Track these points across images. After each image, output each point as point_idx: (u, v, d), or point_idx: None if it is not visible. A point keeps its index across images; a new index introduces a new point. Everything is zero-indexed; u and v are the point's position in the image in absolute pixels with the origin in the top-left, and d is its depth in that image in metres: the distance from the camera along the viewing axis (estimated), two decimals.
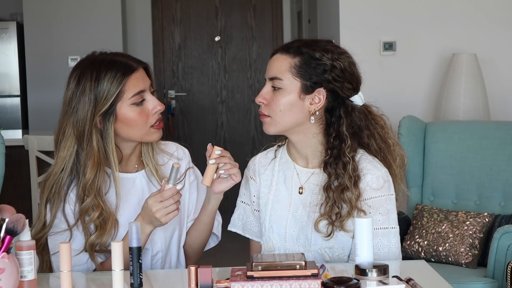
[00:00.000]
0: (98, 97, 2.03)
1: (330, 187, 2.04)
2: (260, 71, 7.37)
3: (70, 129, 2.05)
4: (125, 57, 2.11)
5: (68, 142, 2.05)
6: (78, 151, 2.05)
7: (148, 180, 2.16)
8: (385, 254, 2.03)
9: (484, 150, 3.53)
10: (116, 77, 2.03)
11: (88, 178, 2.03)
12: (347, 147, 2.03)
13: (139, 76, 2.07)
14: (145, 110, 2.06)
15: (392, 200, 2.07)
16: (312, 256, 2.06)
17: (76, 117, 2.04)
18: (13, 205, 1.75)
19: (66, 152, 2.05)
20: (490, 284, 2.98)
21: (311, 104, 2.04)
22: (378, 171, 2.05)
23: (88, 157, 2.03)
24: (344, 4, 4.64)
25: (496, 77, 4.63)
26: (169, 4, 7.30)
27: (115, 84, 2.02)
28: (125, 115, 2.05)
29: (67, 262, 1.72)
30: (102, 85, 2.03)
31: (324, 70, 2.03)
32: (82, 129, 2.03)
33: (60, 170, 2.06)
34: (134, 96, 2.04)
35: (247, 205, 2.23)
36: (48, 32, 6.79)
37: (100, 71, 2.04)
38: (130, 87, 2.04)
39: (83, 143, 2.04)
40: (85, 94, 2.04)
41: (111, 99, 2.02)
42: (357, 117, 2.07)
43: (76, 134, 2.04)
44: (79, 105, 2.04)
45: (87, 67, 2.07)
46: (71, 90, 2.08)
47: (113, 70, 2.04)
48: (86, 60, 2.11)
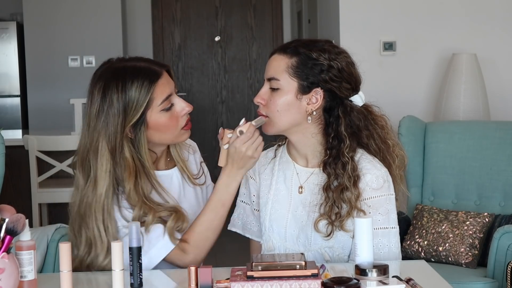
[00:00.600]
0: (127, 108, 1.98)
1: (330, 187, 2.04)
2: (260, 71, 7.37)
3: (104, 144, 1.99)
4: (146, 62, 2.07)
5: (104, 159, 1.99)
6: (114, 166, 2.00)
7: (182, 176, 2.18)
8: (385, 254, 2.03)
9: (484, 150, 3.53)
10: (143, 86, 1.99)
11: (128, 191, 1.98)
12: (346, 147, 2.03)
13: (165, 81, 2.03)
14: (175, 114, 2.05)
15: (392, 200, 2.07)
16: (312, 256, 2.06)
17: (108, 131, 1.98)
18: (13, 205, 1.75)
19: (105, 169, 1.99)
20: (490, 284, 2.98)
21: (308, 104, 2.04)
22: (378, 171, 2.05)
23: (124, 169, 1.99)
24: (344, 4, 4.64)
25: (496, 77, 4.63)
26: (169, 4, 7.31)
27: (144, 92, 1.98)
28: (156, 122, 2.02)
29: (67, 262, 1.72)
30: (130, 95, 1.98)
31: (321, 70, 2.03)
32: (114, 143, 1.98)
33: (104, 191, 1.98)
34: (163, 103, 2.01)
35: (247, 205, 2.24)
36: (48, 32, 6.79)
37: (125, 81, 1.99)
38: (158, 93, 2.01)
39: (116, 157, 1.99)
40: (113, 107, 1.98)
41: (141, 109, 1.98)
42: (356, 117, 2.07)
43: (110, 149, 1.98)
44: (109, 118, 1.98)
45: (111, 77, 2.01)
46: (97, 103, 2.00)
47: (139, 78, 1.99)
48: (107, 70, 2.04)
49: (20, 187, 4.71)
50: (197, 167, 2.27)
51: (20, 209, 1.76)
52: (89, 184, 2.00)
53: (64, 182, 4.76)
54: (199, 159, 2.30)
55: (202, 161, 2.30)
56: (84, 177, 2.02)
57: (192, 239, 2.03)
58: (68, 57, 6.84)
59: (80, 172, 2.03)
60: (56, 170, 4.64)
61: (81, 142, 2.05)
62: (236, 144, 2.00)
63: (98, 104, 2.00)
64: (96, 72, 2.07)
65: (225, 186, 2.05)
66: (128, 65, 2.04)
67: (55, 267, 2.44)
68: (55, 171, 4.64)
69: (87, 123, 2.03)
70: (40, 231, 2.51)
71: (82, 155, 2.03)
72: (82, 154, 2.03)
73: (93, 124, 2.01)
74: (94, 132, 2.00)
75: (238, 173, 2.04)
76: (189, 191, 2.20)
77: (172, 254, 2.02)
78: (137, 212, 1.99)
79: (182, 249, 2.02)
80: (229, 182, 2.04)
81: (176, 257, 2.02)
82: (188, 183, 2.19)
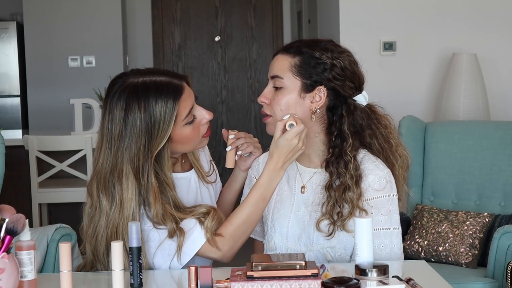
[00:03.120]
0: (152, 129, 1.93)
1: (332, 186, 2.04)
2: (260, 71, 7.37)
3: (128, 167, 1.93)
4: (166, 75, 2.00)
5: (129, 182, 1.93)
6: (139, 188, 1.95)
7: (198, 178, 2.18)
8: (387, 255, 2.03)
9: (484, 150, 3.53)
10: (168, 104, 1.93)
11: (154, 214, 1.94)
12: (348, 145, 2.04)
13: (187, 94, 1.98)
14: (197, 124, 2.03)
15: (394, 200, 2.07)
16: (314, 256, 2.06)
17: (131, 153, 1.93)
18: (13, 205, 1.75)
19: (131, 193, 1.93)
20: (490, 284, 2.98)
21: (312, 103, 2.04)
22: (381, 172, 2.05)
23: (149, 191, 1.94)
24: (344, 4, 4.64)
25: (496, 77, 4.63)
26: (169, 4, 7.31)
27: (169, 112, 1.93)
28: (180, 135, 1.99)
29: (67, 262, 1.72)
30: (155, 115, 1.92)
31: (324, 68, 2.03)
32: (138, 164, 1.93)
33: (132, 213, 1.93)
34: (186, 117, 1.98)
35: None
36: (48, 32, 6.80)
37: (149, 100, 1.93)
38: (182, 109, 1.96)
39: (141, 180, 1.94)
40: (136, 128, 1.92)
41: (168, 129, 1.94)
42: (359, 116, 2.07)
43: (134, 172, 1.93)
44: (132, 140, 1.93)
45: (132, 96, 1.93)
46: (119, 124, 1.93)
47: (163, 97, 1.93)
48: (127, 88, 1.96)
49: (20, 187, 4.71)
50: (208, 165, 2.27)
51: (20, 209, 1.76)
52: (115, 208, 1.95)
53: (64, 182, 4.76)
54: (209, 156, 2.30)
55: (211, 159, 2.30)
56: (108, 200, 1.96)
57: (229, 232, 2.00)
58: (68, 57, 6.84)
59: (103, 194, 1.96)
60: (56, 170, 4.64)
61: (101, 163, 1.98)
62: (288, 136, 1.98)
63: (121, 125, 1.93)
64: (113, 87, 1.99)
65: (269, 181, 2.02)
66: (148, 81, 1.96)
67: (55, 267, 2.44)
68: (55, 171, 4.64)
69: (108, 144, 1.96)
70: (40, 231, 2.52)
71: (105, 177, 1.97)
72: (105, 176, 1.97)
73: (115, 145, 1.95)
74: (118, 154, 1.94)
75: (283, 168, 2.02)
76: (204, 191, 2.20)
77: (205, 247, 1.98)
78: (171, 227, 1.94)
79: (216, 242, 1.99)
80: (274, 177, 2.02)
81: (210, 250, 1.99)
82: (202, 183, 2.19)
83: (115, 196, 1.95)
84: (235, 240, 2.01)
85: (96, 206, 1.99)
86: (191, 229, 1.98)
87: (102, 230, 1.97)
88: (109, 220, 1.95)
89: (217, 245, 1.99)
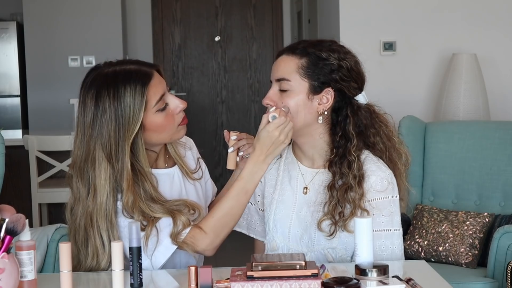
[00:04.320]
0: (123, 114, 1.95)
1: (334, 186, 2.04)
2: (260, 71, 7.37)
3: (101, 153, 1.97)
4: (136, 64, 2.04)
5: (102, 168, 1.97)
6: (113, 173, 1.97)
7: (182, 174, 2.18)
8: (388, 256, 2.03)
9: (484, 150, 3.53)
10: (137, 89, 1.96)
11: (126, 200, 1.96)
12: (352, 146, 2.04)
13: (157, 81, 2.01)
14: (170, 112, 2.04)
15: (396, 202, 2.07)
16: (315, 256, 2.06)
17: (103, 139, 1.96)
18: (13, 205, 1.75)
19: (104, 178, 1.97)
20: (490, 284, 2.98)
21: (319, 104, 2.04)
22: (383, 173, 2.05)
23: (123, 176, 1.96)
24: (344, 4, 4.64)
25: (496, 77, 4.63)
26: (169, 4, 7.31)
27: (138, 96, 1.96)
28: (152, 123, 2.00)
29: (67, 262, 1.72)
30: (125, 100, 1.95)
31: (331, 70, 2.03)
32: (110, 151, 1.96)
33: (105, 199, 1.97)
34: (157, 103, 2.00)
35: (251, 205, 2.24)
36: (48, 32, 6.79)
37: (118, 87, 1.96)
38: (152, 95, 1.99)
39: (114, 165, 1.97)
40: (106, 114, 1.96)
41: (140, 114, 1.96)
42: (363, 116, 2.08)
43: (107, 157, 1.96)
44: (103, 126, 1.96)
45: (102, 84, 1.98)
46: (90, 112, 1.97)
47: (131, 82, 1.96)
48: (98, 77, 2.01)
49: (20, 187, 4.71)
50: (195, 162, 2.27)
51: (20, 209, 1.76)
52: (90, 195, 1.99)
53: (64, 182, 4.75)
54: (196, 154, 2.30)
55: (199, 157, 2.30)
56: (85, 189, 2.00)
57: (210, 224, 2.01)
58: (68, 57, 6.84)
59: (80, 183, 2.01)
60: (56, 170, 4.64)
61: (76, 153, 2.02)
62: (269, 128, 1.97)
63: (92, 113, 1.97)
64: (86, 79, 2.03)
65: (251, 174, 2.01)
66: (118, 70, 2.00)
67: (55, 267, 2.44)
68: (55, 171, 4.64)
69: (81, 133, 2.00)
70: (40, 231, 2.51)
71: (80, 166, 2.01)
72: (80, 165, 2.01)
73: (88, 133, 1.98)
74: (90, 142, 1.98)
75: (265, 161, 2.00)
76: (190, 187, 2.20)
77: (186, 240, 1.99)
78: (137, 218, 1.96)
79: (196, 235, 2.00)
80: (256, 170, 2.01)
81: (192, 242, 2.00)
82: (188, 179, 2.20)
83: (90, 183, 1.99)
84: (216, 232, 2.01)
85: (76, 197, 2.03)
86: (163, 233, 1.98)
87: (79, 219, 2.01)
88: (85, 208, 1.99)
89: (198, 237, 1.99)
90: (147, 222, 1.97)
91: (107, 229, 1.98)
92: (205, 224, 2.01)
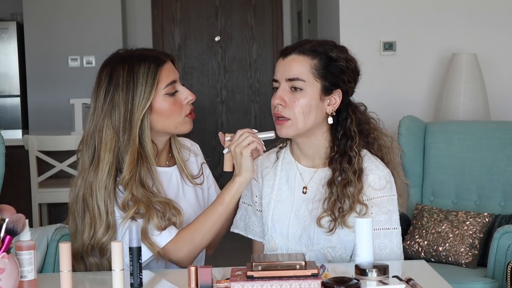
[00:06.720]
0: (135, 89, 2.02)
1: (334, 182, 2.05)
2: (260, 71, 7.37)
3: (109, 123, 2.03)
4: (152, 51, 2.13)
5: (108, 137, 2.03)
6: (117, 144, 2.03)
7: (180, 175, 2.20)
8: (387, 255, 2.04)
9: (484, 150, 3.53)
10: (150, 68, 2.03)
11: (124, 175, 2.01)
12: (354, 143, 2.05)
13: (170, 67, 2.09)
14: (178, 101, 2.09)
15: (394, 200, 2.07)
16: (314, 256, 2.06)
17: (114, 112, 2.03)
18: (13, 205, 1.75)
19: (109, 147, 2.02)
20: (490, 284, 2.98)
21: (329, 105, 2.06)
22: (381, 172, 2.06)
23: (126, 152, 2.01)
24: (344, 4, 4.64)
25: (496, 77, 4.63)
26: (169, 4, 7.30)
27: (151, 74, 2.02)
28: (160, 106, 2.06)
29: (67, 262, 1.72)
30: (138, 77, 2.02)
31: (341, 71, 2.05)
32: (119, 122, 2.02)
33: (107, 169, 2.02)
34: (167, 87, 2.06)
35: (249, 206, 2.24)
36: (48, 32, 6.79)
37: (133, 64, 2.04)
38: (164, 77, 2.05)
39: (121, 135, 2.02)
40: (119, 88, 2.02)
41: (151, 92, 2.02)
42: (361, 114, 2.12)
43: (114, 128, 2.02)
44: (114, 98, 2.02)
45: (118, 62, 2.06)
46: (104, 86, 2.05)
47: (146, 62, 2.04)
48: (114, 58, 2.09)
49: (20, 187, 4.71)
50: (198, 168, 2.28)
51: (20, 209, 1.76)
52: (93, 165, 2.03)
53: (64, 182, 4.75)
54: (201, 160, 2.32)
55: (203, 162, 2.32)
56: (89, 158, 2.05)
57: (187, 234, 2.05)
58: (68, 57, 6.84)
59: (85, 154, 2.06)
60: (56, 170, 4.64)
61: (87, 127, 2.08)
62: (231, 148, 2.04)
63: (105, 87, 2.04)
64: (105, 61, 2.11)
65: (227, 189, 2.06)
66: (135, 53, 2.09)
67: (55, 267, 2.44)
68: (55, 171, 4.64)
69: (93, 107, 2.07)
70: (40, 231, 2.51)
71: (88, 137, 2.06)
72: (88, 137, 2.06)
73: (99, 106, 2.05)
74: (101, 114, 2.04)
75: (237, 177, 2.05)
76: (188, 190, 2.20)
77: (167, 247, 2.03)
78: (127, 196, 2.00)
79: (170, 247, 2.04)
80: (231, 185, 2.06)
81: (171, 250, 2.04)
82: (187, 182, 2.20)
83: (94, 153, 2.04)
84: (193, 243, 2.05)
85: (79, 170, 2.08)
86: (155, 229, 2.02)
87: (78, 190, 2.05)
88: (85, 178, 2.04)
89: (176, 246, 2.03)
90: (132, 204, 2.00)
91: (104, 199, 2.01)
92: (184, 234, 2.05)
